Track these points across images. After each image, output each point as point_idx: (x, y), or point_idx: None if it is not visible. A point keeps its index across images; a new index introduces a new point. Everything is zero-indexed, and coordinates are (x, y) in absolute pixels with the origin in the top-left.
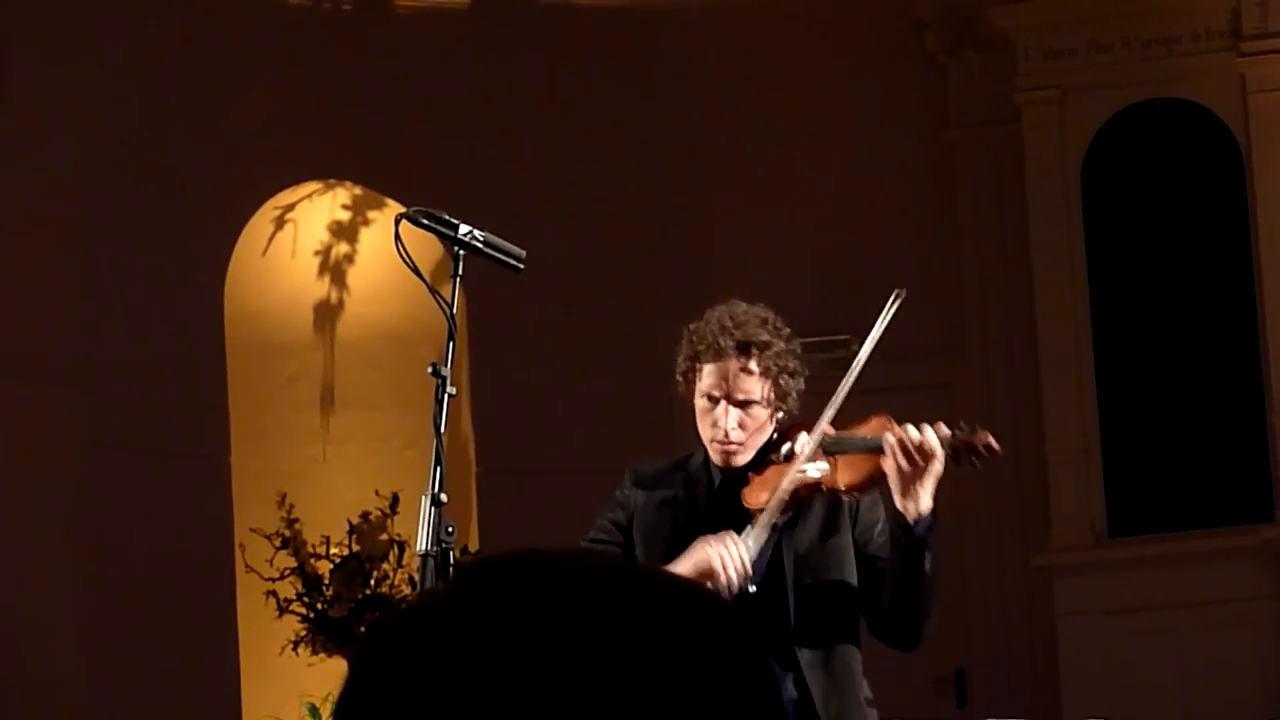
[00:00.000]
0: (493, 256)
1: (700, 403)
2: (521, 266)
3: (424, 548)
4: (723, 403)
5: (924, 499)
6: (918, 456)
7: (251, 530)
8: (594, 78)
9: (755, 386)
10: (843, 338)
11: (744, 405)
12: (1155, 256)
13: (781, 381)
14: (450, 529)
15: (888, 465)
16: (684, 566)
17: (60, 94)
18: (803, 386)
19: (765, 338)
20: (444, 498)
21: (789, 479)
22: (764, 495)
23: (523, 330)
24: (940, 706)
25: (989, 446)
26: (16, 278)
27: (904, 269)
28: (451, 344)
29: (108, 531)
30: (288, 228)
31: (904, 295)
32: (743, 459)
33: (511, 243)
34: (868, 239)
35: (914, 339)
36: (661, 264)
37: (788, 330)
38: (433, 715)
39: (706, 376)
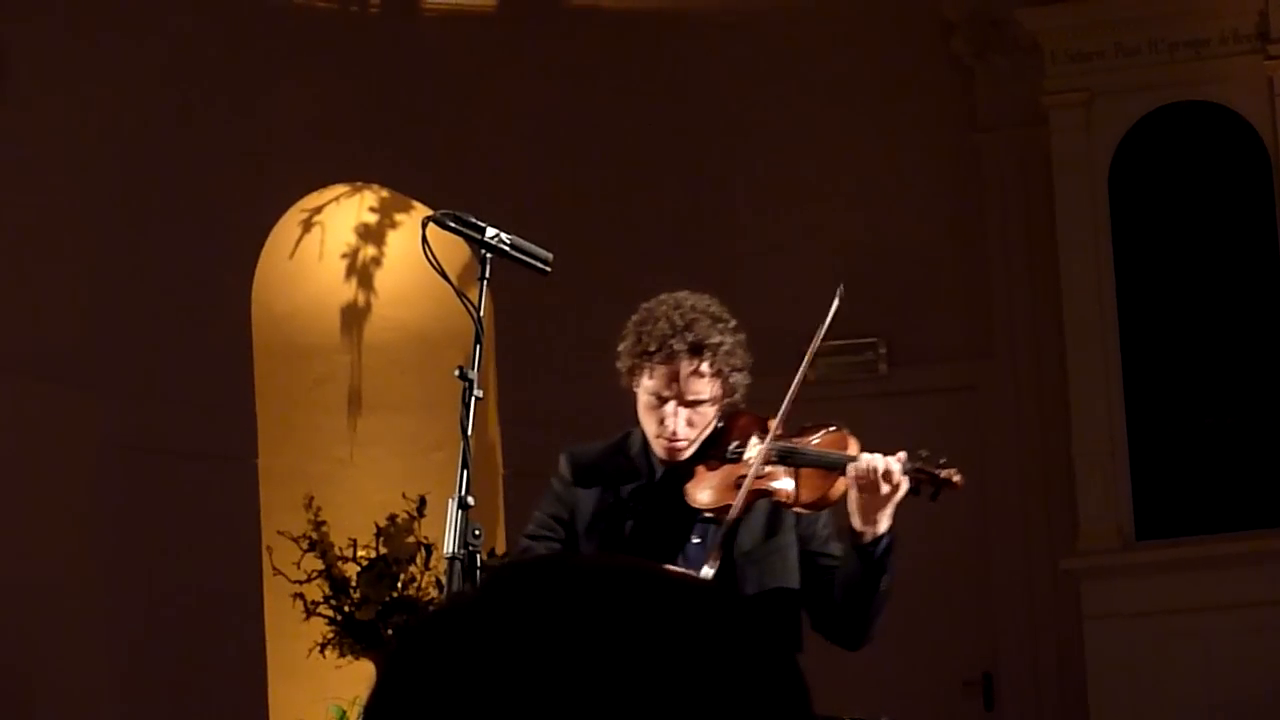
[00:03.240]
0: (519, 260)
1: (646, 398)
2: (548, 270)
3: (451, 550)
4: (672, 403)
5: (882, 523)
6: (883, 486)
7: (279, 533)
8: (622, 81)
9: (705, 387)
10: (870, 340)
11: (693, 405)
12: (1183, 259)
13: (731, 380)
14: (477, 532)
15: (850, 491)
16: None
17: (91, 94)
18: (748, 379)
19: (716, 338)
20: (471, 500)
21: (743, 490)
22: (708, 495)
23: (549, 333)
24: (967, 710)
25: (951, 482)
26: (44, 279)
27: (931, 272)
28: (478, 347)
29: (134, 534)
30: (315, 230)
31: (843, 291)
32: (687, 454)
33: (538, 246)
34: (895, 242)
35: (941, 342)
36: (689, 267)
37: (734, 322)
38: (461, 718)
39: (656, 377)
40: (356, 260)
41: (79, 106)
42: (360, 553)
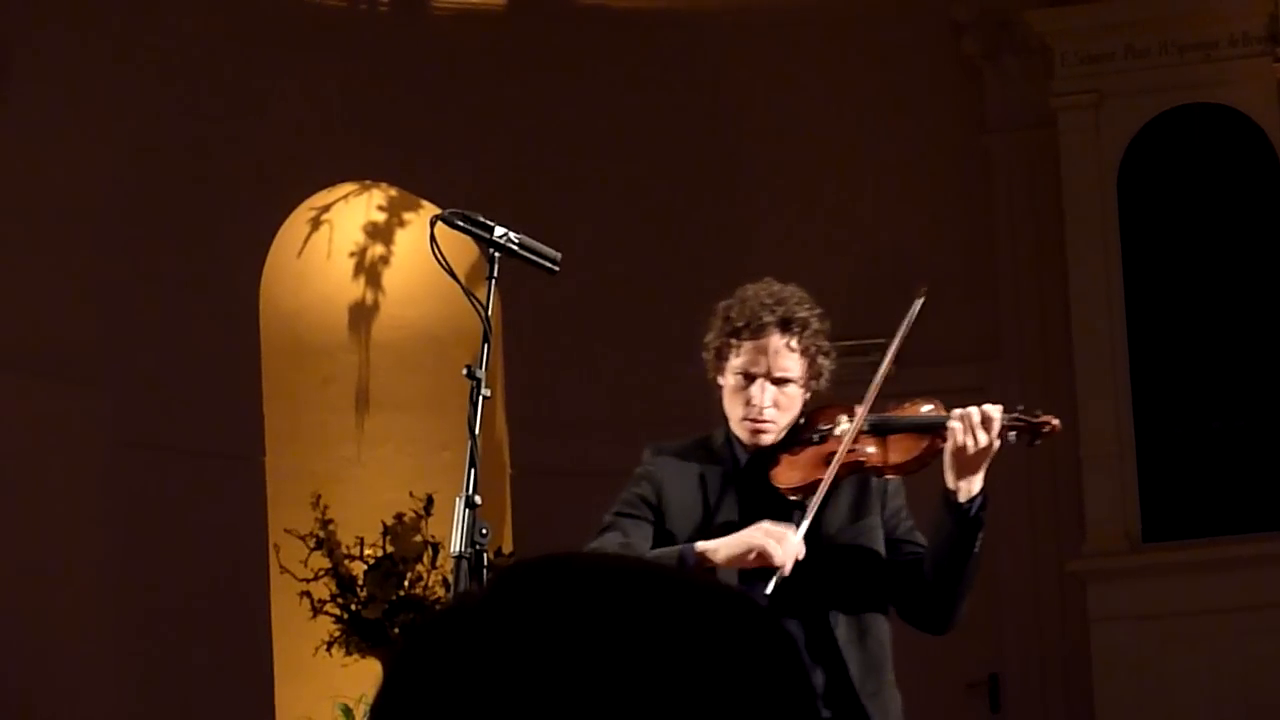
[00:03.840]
0: (528, 259)
1: (733, 380)
2: (556, 269)
3: (458, 549)
4: (759, 380)
5: (977, 480)
6: (980, 434)
7: (286, 531)
8: (632, 80)
9: (794, 364)
10: (878, 341)
11: (781, 383)
12: (1191, 261)
13: (818, 361)
14: (484, 531)
15: (948, 445)
16: (732, 544)
17: (97, 93)
18: (833, 366)
19: (804, 314)
20: (478, 499)
21: (833, 465)
22: (796, 475)
23: (557, 332)
24: (973, 711)
25: (1050, 424)
26: (51, 277)
27: (940, 273)
28: (486, 346)
29: (142, 531)
30: (323, 229)
31: (926, 293)
32: (771, 439)
33: (546, 245)
34: (904, 242)
35: (949, 343)
36: (698, 268)
37: (820, 310)
38: (468, 717)
39: (744, 354)
40: (365, 259)
41: (86, 104)
42: (367, 551)
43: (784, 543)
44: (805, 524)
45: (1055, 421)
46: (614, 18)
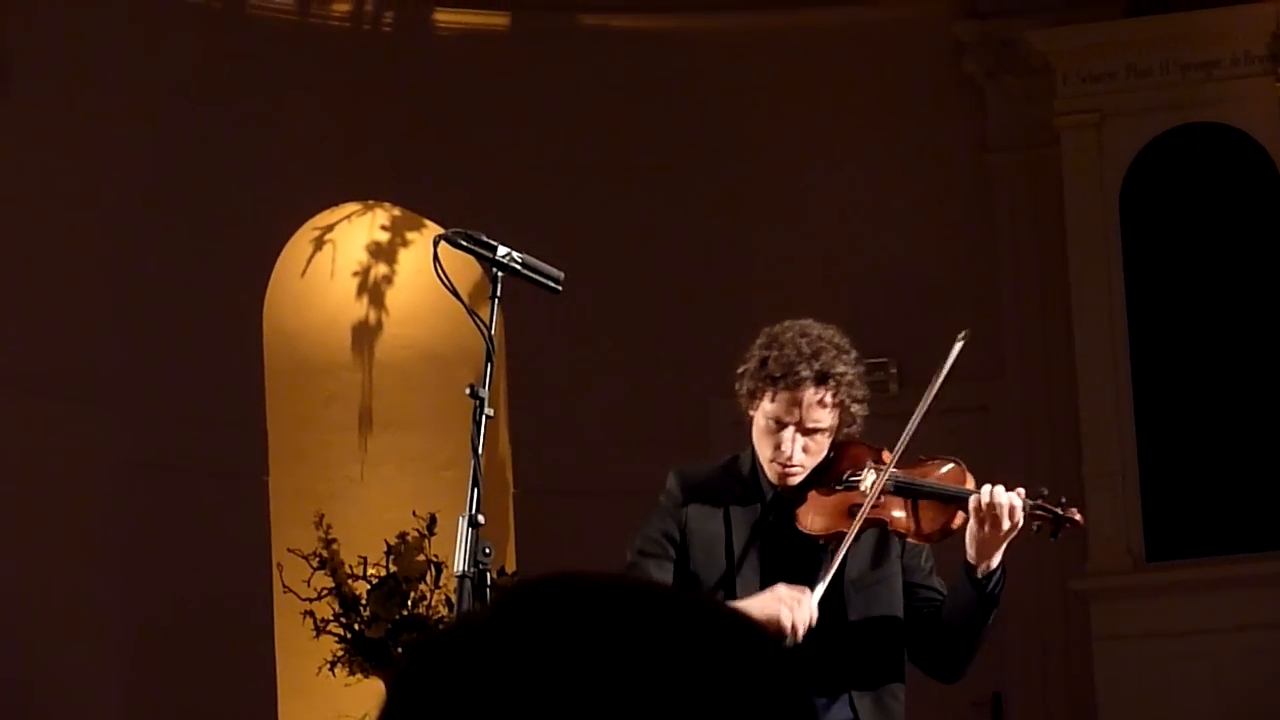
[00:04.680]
0: (531, 278)
1: (764, 422)
2: (560, 288)
3: (461, 568)
4: (790, 428)
5: (997, 556)
6: (1004, 522)
7: (289, 550)
8: (635, 100)
9: (826, 416)
10: (881, 360)
11: (811, 433)
12: (1194, 281)
13: (852, 410)
14: (487, 550)
15: (970, 524)
16: (752, 612)
17: (101, 115)
18: (867, 410)
19: (842, 369)
20: (481, 519)
21: (857, 518)
22: (821, 521)
23: (560, 352)
24: None
25: (1074, 520)
26: (55, 297)
27: (942, 292)
28: (489, 365)
29: (145, 551)
30: (326, 248)
31: (968, 337)
32: (798, 480)
33: (550, 265)
34: (906, 261)
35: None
36: (701, 286)
37: (855, 353)
38: None
39: (778, 402)
40: (368, 278)
41: (91, 124)
42: (370, 570)
43: (798, 609)
44: (824, 584)
45: (1079, 517)
46: (617, 38)
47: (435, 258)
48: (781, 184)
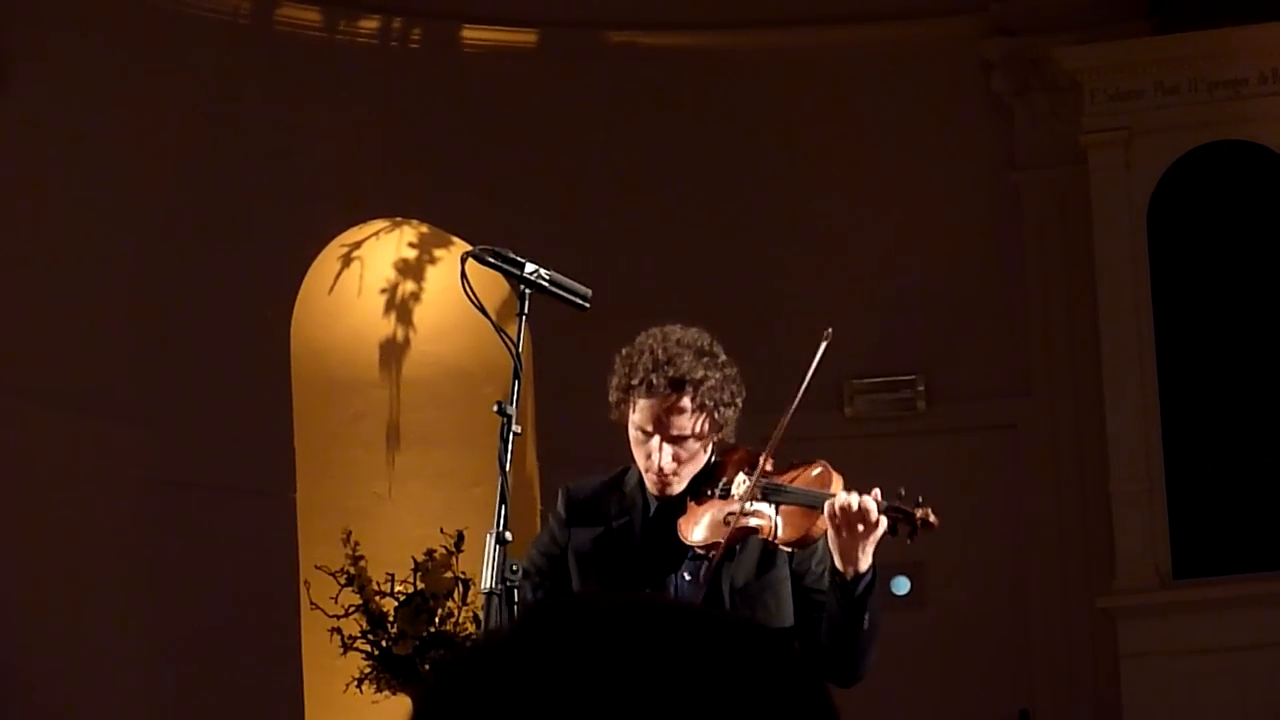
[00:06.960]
0: (558, 295)
1: (633, 432)
2: (587, 305)
3: (489, 586)
4: (657, 438)
5: (863, 561)
6: (859, 525)
7: (316, 567)
8: (662, 117)
9: (688, 423)
10: (908, 377)
11: (678, 440)
12: (1221, 298)
13: (716, 414)
14: (515, 567)
15: (828, 529)
16: None
17: (131, 132)
18: (737, 412)
19: (699, 374)
20: (509, 536)
21: (731, 527)
22: (699, 532)
23: (588, 368)
24: None
25: (928, 522)
26: (84, 313)
27: (970, 309)
28: (517, 382)
29: (173, 567)
30: (354, 265)
31: (831, 336)
32: (678, 488)
33: (577, 281)
34: (934, 280)
35: (980, 380)
36: (728, 303)
37: (723, 356)
38: None
39: (640, 411)
40: (395, 295)
41: (119, 144)
42: (398, 587)
43: None
44: (702, 594)
45: (934, 519)
46: (645, 55)
47: (463, 275)
48: (810, 201)
